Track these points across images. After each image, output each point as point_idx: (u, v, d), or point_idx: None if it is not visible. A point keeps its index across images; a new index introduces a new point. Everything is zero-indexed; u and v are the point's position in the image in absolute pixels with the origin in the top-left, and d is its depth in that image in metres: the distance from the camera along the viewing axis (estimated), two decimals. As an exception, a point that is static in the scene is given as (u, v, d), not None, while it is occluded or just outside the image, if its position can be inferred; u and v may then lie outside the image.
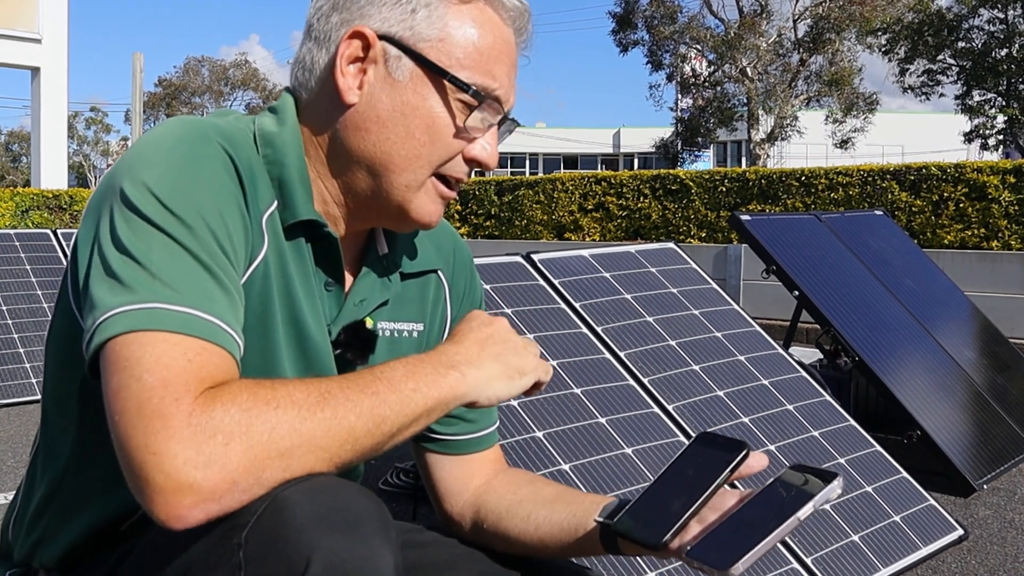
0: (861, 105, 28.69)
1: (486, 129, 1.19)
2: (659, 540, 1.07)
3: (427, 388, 1.05)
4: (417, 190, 1.17)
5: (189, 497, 0.89)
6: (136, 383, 0.93)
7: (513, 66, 1.20)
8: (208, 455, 0.90)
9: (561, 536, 1.24)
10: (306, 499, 0.92)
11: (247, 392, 0.95)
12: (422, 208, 1.18)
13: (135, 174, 1.04)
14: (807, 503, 1.03)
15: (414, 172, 1.16)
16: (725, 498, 1.10)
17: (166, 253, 1.00)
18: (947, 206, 9.73)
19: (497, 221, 13.62)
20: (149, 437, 0.90)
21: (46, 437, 1.20)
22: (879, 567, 2.69)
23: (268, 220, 1.13)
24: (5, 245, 6.02)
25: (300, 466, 0.95)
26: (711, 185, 11.47)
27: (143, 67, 21.16)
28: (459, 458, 1.35)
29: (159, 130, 1.10)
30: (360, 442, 0.99)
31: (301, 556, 0.88)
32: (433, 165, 1.17)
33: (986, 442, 3.93)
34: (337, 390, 0.99)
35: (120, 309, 0.96)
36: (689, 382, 3.00)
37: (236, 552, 0.90)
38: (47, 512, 1.18)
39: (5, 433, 4.55)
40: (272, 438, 0.93)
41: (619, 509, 1.17)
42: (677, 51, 29.81)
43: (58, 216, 15.10)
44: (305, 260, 1.17)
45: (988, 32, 25.86)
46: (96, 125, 57.22)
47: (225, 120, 1.16)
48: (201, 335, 0.97)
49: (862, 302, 4.24)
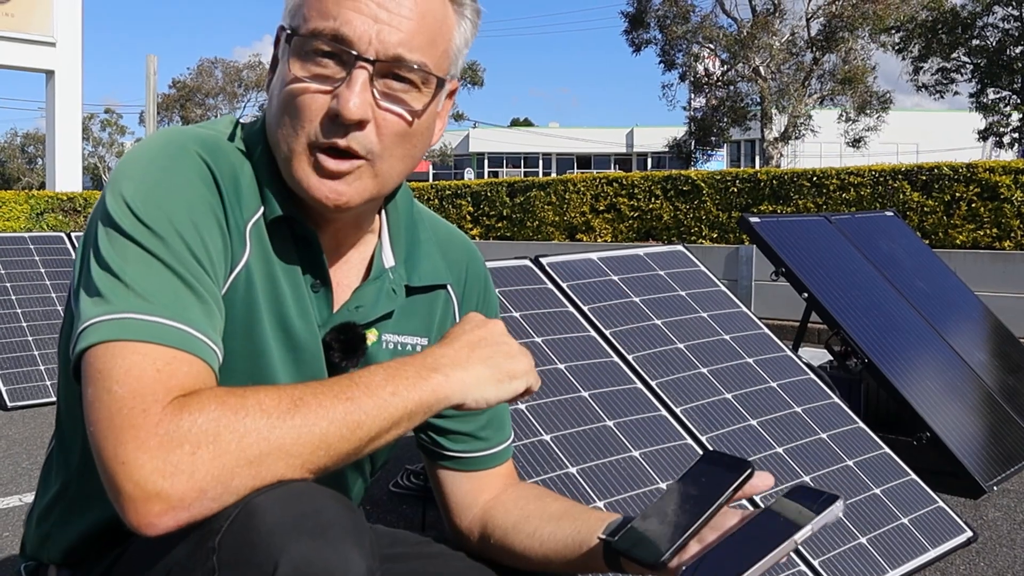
0: (874, 104, 28.61)
1: (338, 78, 1.10)
2: (657, 559, 1.08)
3: (407, 391, 1.05)
4: (294, 163, 1.12)
5: (158, 505, 0.92)
6: (107, 395, 0.96)
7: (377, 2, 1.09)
8: (175, 464, 0.92)
9: (565, 552, 1.25)
10: (276, 505, 0.93)
11: (215, 401, 0.96)
12: (305, 182, 1.12)
13: (116, 186, 1.08)
14: (805, 526, 1.04)
15: (287, 143, 1.12)
16: (726, 518, 1.11)
17: (140, 265, 1.03)
18: (959, 206, 9.70)
19: (509, 222, 13.63)
20: (119, 448, 0.93)
21: (60, 436, 1.23)
22: (887, 569, 2.69)
23: (253, 227, 1.15)
24: (20, 248, 6.06)
25: (271, 473, 0.96)
26: (722, 186, 11.46)
27: (157, 69, 21.23)
28: (471, 474, 1.36)
29: (143, 143, 1.14)
30: (334, 448, 1.00)
31: (270, 560, 0.90)
32: (299, 132, 1.11)
33: (996, 443, 3.92)
34: (310, 396, 1.00)
35: (96, 319, 1.00)
36: (697, 385, 3.01)
37: (211, 556, 0.93)
38: (56, 509, 1.22)
39: (20, 435, 4.59)
40: (240, 446, 0.94)
41: (624, 526, 1.18)
42: (690, 50, 29.80)
43: (72, 219, 15.18)
44: (293, 262, 1.18)
45: (1003, 30, 25.74)
46: (111, 127, 57.47)
47: (213, 128, 1.18)
48: (172, 343, 0.99)
49: (872, 304, 4.24)
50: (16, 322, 5.59)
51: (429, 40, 1.13)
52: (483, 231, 13.82)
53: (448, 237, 1.38)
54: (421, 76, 1.12)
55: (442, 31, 1.15)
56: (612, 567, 1.20)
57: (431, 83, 1.14)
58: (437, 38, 1.14)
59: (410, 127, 1.14)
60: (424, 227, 1.34)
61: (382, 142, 1.12)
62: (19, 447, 4.37)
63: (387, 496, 3.52)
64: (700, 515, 1.09)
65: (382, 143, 1.12)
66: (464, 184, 14.67)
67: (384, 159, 1.14)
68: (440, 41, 1.15)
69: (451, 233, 1.40)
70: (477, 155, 51.02)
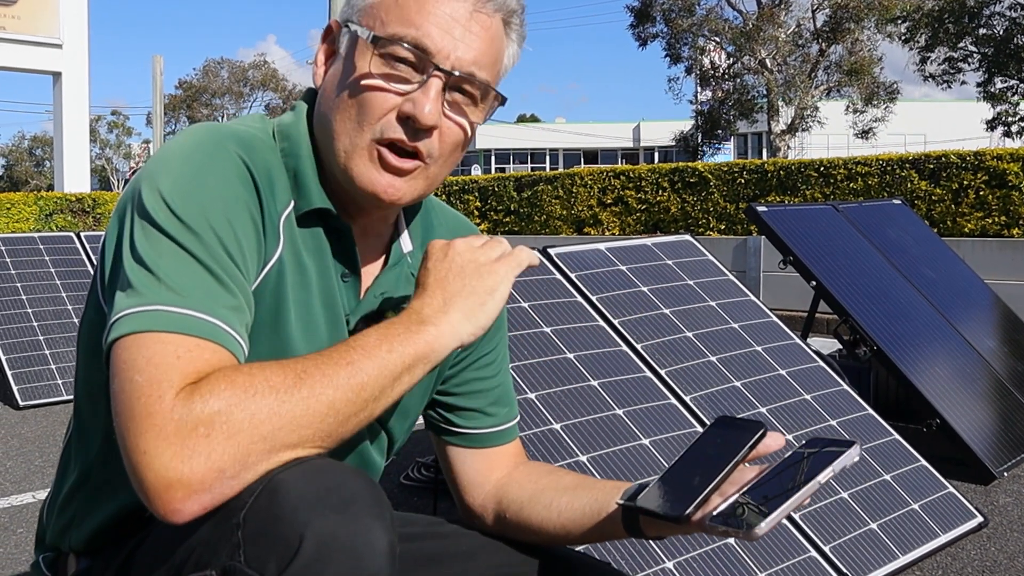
0: (882, 94, 28.50)
1: (413, 83, 1.16)
2: (682, 512, 1.10)
3: (402, 347, 1.07)
4: (355, 156, 1.17)
5: (180, 491, 0.94)
6: (129, 385, 0.98)
7: (454, 19, 1.16)
8: (192, 448, 0.94)
9: (583, 521, 1.27)
10: (300, 480, 0.95)
11: (225, 381, 0.98)
12: (364, 176, 1.17)
13: (152, 181, 1.09)
14: (827, 467, 1.07)
15: (349, 136, 1.17)
16: (744, 474, 1.14)
17: (174, 259, 1.04)
18: (967, 194, 9.68)
19: (517, 217, 13.64)
20: (139, 437, 0.95)
21: (79, 426, 1.25)
22: (898, 555, 2.70)
23: (285, 220, 1.17)
24: (30, 248, 6.09)
25: (285, 446, 0.98)
26: (730, 177, 11.45)
27: (163, 69, 21.26)
28: (480, 451, 1.38)
29: (180, 137, 1.15)
30: (342, 412, 1.02)
31: (295, 534, 0.91)
32: (364, 127, 1.16)
33: (1007, 430, 3.92)
34: (312, 367, 1.02)
35: (127, 311, 1.02)
36: (706, 373, 3.02)
37: (235, 532, 0.94)
38: (77, 497, 1.23)
39: (32, 433, 4.62)
40: (253, 423, 0.96)
41: (639, 492, 1.21)
42: (696, 44, 29.71)
43: (81, 219, 15.23)
44: (324, 252, 1.21)
45: (1010, 19, 25.62)
46: (118, 128, 57.71)
47: (246, 125, 1.21)
48: (197, 333, 1.01)
49: (880, 291, 4.24)
50: (27, 322, 5.61)
51: (493, 60, 1.21)
52: (491, 226, 13.83)
53: (456, 223, 1.43)
54: (483, 92, 1.20)
55: (500, 52, 1.23)
56: (631, 532, 1.23)
57: (488, 99, 1.22)
58: (497, 58, 1.22)
59: (466, 138, 1.22)
60: (436, 213, 1.39)
61: (442, 149, 1.19)
62: (32, 445, 4.40)
63: (398, 488, 3.54)
64: (720, 471, 1.12)
65: (441, 150, 1.19)
66: (471, 179, 14.70)
67: (439, 164, 1.21)
68: (498, 62, 1.22)
69: (458, 219, 1.44)
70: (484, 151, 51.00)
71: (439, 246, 1.18)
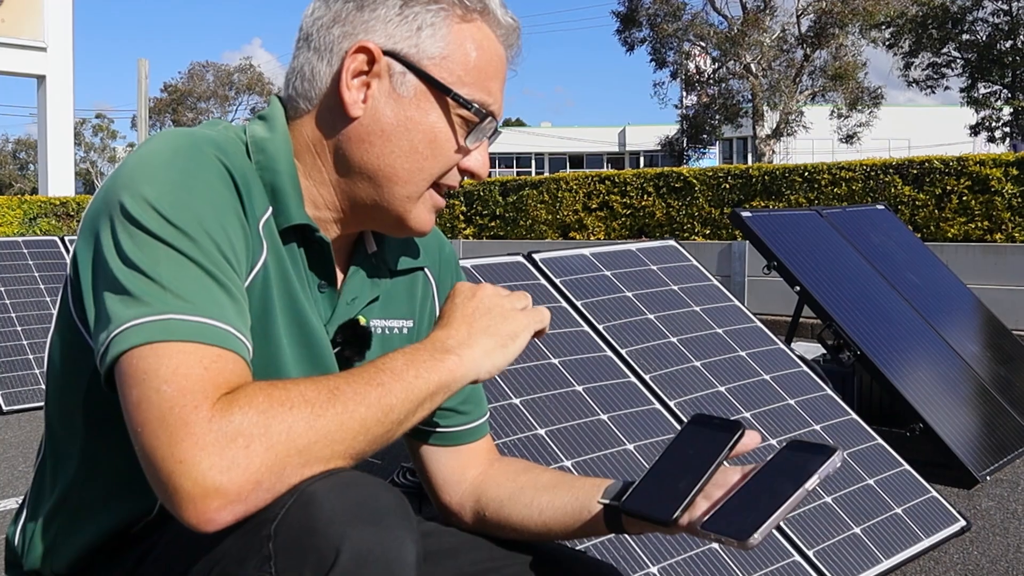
0: (866, 99, 28.64)
1: (481, 142, 1.24)
2: (669, 516, 1.11)
3: (427, 374, 1.09)
4: (416, 201, 1.22)
5: (217, 500, 0.93)
6: (156, 394, 0.96)
7: (504, 81, 1.25)
8: (231, 459, 0.94)
9: (565, 520, 1.29)
10: (334, 493, 0.96)
11: (262, 394, 0.98)
12: (419, 218, 1.23)
13: (134, 189, 1.06)
14: (813, 474, 1.08)
15: (415, 184, 1.21)
16: (728, 475, 1.15)
17: (173, 265, 1.03)
18: (950, 199, 9.73)
19: (502, 221, 13.64)
20: (174, 447, 0.94)
21: (52, 446, 1.22)
22: (881, 559, 2.71)
23: (264, 226, 1.16)
24: (13, 253, 6.06)
25: (318, 460, 0.99)
26: (714, 182, 11.49)
27: (148, 73, 21.20)
28: (453, 449, 1.40)
29: (153, 144, 1.12)
30: (372, 431, 1.03)
31: (331, 547, 0.92)
32: (432, 177, 1.21)
33: (989, 434, 3.95)
34: (345, 385, 1.03)
35: (135, 322, 0.99)
36: (690, 378, 3.03)
37: (266, 544, 0.94)
38: (57, 520, 1.20)
39: (16, 438, 4.60)
40: (290, 437, 0.97)
41: (621, 491, 1.22)
42: (681, 48, 29.79)
43: (66, 223, 15.17)
44: (299, 264, 1.21)
45: (993, 24, 25.82)
46: (102, 132, 57.45)
47: (216, 130, 1.18)
48: (215, 342, 1.00)
49: (864, 296, 4.26)
50: (11, 326, 5.59)
51: None
52: (476, 231, 13.83)
53: None
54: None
55: None
56: (613, 530, 1.24)
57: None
58: None
59: None
60: None
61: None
62: (15, 451, 4.38)
63: (383, 494, 3.53)
64: (703, 473, 1.12)
65: None
66: (457, 184, 14.65)
67: None
68: None
69: None
70: (469, 156, 50.84)
71: (467, 287, 1.23)
